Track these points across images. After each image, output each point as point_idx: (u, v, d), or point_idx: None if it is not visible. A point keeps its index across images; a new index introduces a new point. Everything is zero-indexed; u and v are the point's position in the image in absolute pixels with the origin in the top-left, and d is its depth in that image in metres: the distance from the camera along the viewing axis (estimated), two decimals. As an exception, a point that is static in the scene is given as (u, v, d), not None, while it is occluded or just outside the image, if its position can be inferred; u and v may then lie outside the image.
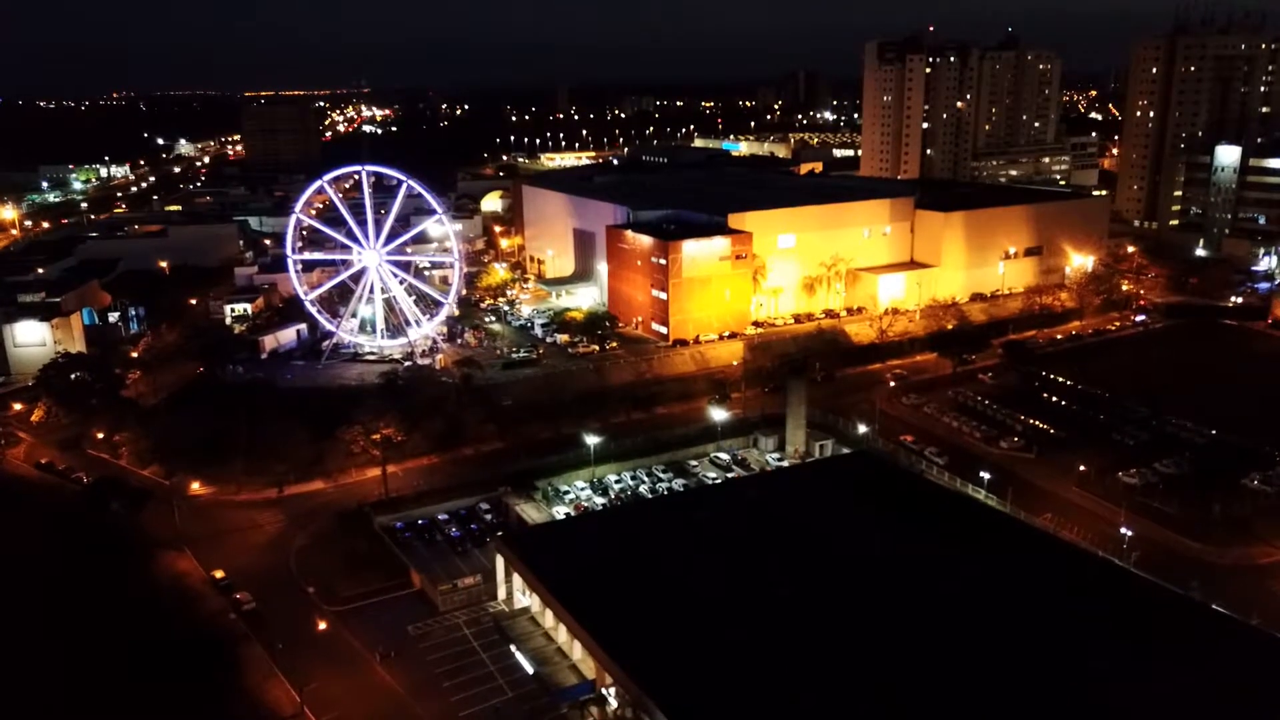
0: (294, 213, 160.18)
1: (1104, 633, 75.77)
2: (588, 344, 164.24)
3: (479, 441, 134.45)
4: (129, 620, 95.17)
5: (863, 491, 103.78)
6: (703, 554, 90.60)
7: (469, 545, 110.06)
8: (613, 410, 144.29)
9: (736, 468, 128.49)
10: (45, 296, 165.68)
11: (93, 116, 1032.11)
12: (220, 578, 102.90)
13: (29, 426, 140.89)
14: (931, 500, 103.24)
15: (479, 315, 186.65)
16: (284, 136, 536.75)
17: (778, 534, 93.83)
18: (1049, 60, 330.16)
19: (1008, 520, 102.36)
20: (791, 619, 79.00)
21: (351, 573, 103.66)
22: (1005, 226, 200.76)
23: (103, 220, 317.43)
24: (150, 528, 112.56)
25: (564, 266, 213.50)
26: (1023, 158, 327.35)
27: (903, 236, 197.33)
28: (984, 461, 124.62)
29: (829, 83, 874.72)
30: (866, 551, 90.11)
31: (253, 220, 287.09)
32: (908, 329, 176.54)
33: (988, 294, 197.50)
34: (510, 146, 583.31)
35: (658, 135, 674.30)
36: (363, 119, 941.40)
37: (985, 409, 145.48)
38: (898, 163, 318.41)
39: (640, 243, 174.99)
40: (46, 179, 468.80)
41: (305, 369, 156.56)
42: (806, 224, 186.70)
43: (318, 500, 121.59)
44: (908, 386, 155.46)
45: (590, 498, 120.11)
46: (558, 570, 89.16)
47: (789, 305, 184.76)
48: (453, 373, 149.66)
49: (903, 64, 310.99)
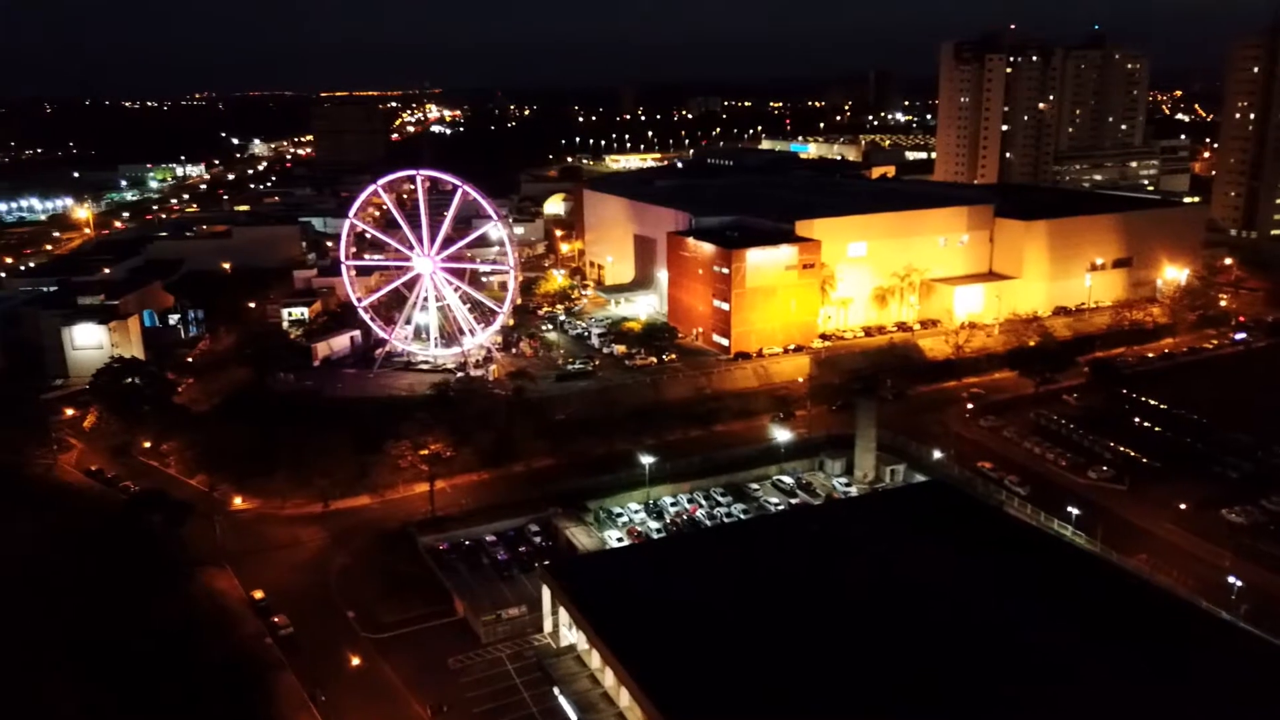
0: (348, 217, 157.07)
1: (1218, 699, 66.92)
2: (645, 356, 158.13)
3: (530, 457, 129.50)
4: (159, 641, 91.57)
5: (938, 527, 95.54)
6: (763, 595, 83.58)
7: (516, 570, 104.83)
8: (669, 427, 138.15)
9: (801, 493, 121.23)
10: (104, 299, 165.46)
11: (174, 117, 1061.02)
12: (259, 598, 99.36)
13: (81, 432, 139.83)
14: (1015, 539, 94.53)
15: (535, 323, 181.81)
16: (351, 137, 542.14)
17: (845, 575, 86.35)
18: (1137, 59, 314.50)
19: (1100, 564, 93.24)
20: (862, 676, 71.61)
21: (393, 597, 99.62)
22: (1092, 236, 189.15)
23: (172, 220, 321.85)
24: (192, 542, 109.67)
25: (623, 273, 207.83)
26: (1107, 162, 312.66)
27: (981, 246, 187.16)
28: (1070, 493, 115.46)
29: (901, 83, 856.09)
30: (945, 599, 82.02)
31: (316, 221, 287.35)
32: (985, 344, 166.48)
33: (1072, 308, 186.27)
34: (575, 148, 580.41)
35: (724, 136, 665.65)
36: (430, 120, 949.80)
37: (1070, 434, 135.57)
38: (974, 166, 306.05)
39: (702, 250, 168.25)
40: (125, 178, 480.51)
41: (356, 378, 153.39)
42: (878, 231, 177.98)
43: (362, 516, 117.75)
44: (985, 407, 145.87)
45: (644, 522, 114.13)
46: (606, 606, 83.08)
47: (858, 317, 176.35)
48: (505, 385, 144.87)
49: (981, 64, 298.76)
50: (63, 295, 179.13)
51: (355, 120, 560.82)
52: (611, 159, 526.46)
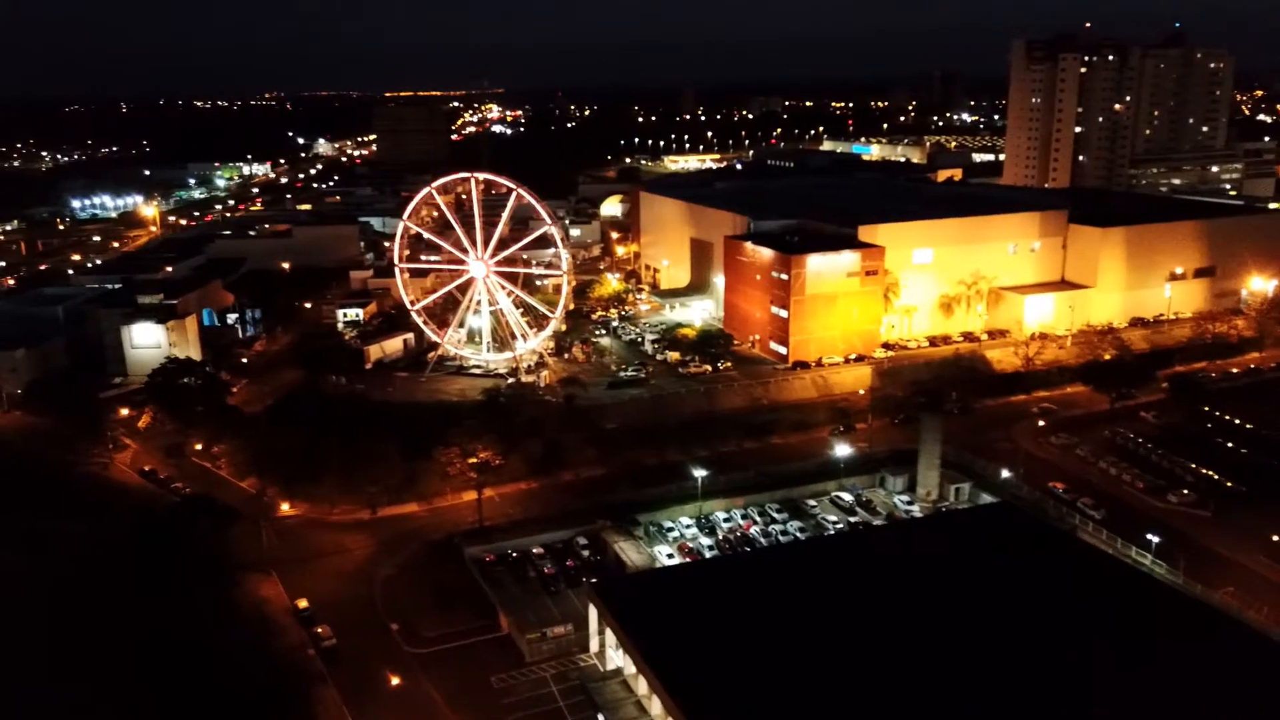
0: (402, 220, 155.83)
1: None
2: (699, 364, 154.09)
3: (579, 467, 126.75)
4: (201, 649, 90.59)
5: (1008, 554, 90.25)
6: (821, 624, 79.31)
7: (562, 585, 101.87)
8: (723, 438, 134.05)
9: (860, 510, 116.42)
10: (163, 298, 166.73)
11: (243, 116, 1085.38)
12: (303, 607, 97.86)
13: (137, 431, 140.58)
14: (1091, 570, 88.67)
15: (588, 328, 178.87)
16: (412, 136, 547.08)
17: (909, 604, 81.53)
18: (1220, 58, 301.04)
19: (1184, 599, 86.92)
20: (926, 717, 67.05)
21: (438, 609, 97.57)
22: (1172, 244, 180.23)
23: (236, 218, 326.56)
24: (240, 546, 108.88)
25: (679, 277, 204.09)
26: (1186, 165, 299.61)
27: (1053, 253, 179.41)
28: (1148, 519, 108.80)
29: (966, 82, 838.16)
30: (1017, 636, 76.89)
31: (375, 221, 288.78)
32: (1057, 357, 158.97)
33: (1149, 319, 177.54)
34: (635, 148, 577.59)
35: (785, 137, 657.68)
36: (491, 120, 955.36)
37: (1148, 454, 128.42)
38: (1045, 170, 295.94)
39: (760, 255, 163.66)
40: (193, 176, 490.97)
41: (407, 381, 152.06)
42: (946, 237, 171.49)
43: (410, 524, 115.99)
44: (1057, 424, 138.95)
45: (696, 537, 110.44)
46: (654, 631, 79.62)
47: (923, 326, 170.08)
48: (556, 391, 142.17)
49: (1054, 63, 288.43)
50: (126, 293, 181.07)
51: (417, 120, 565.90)
52: (670, 159, 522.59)
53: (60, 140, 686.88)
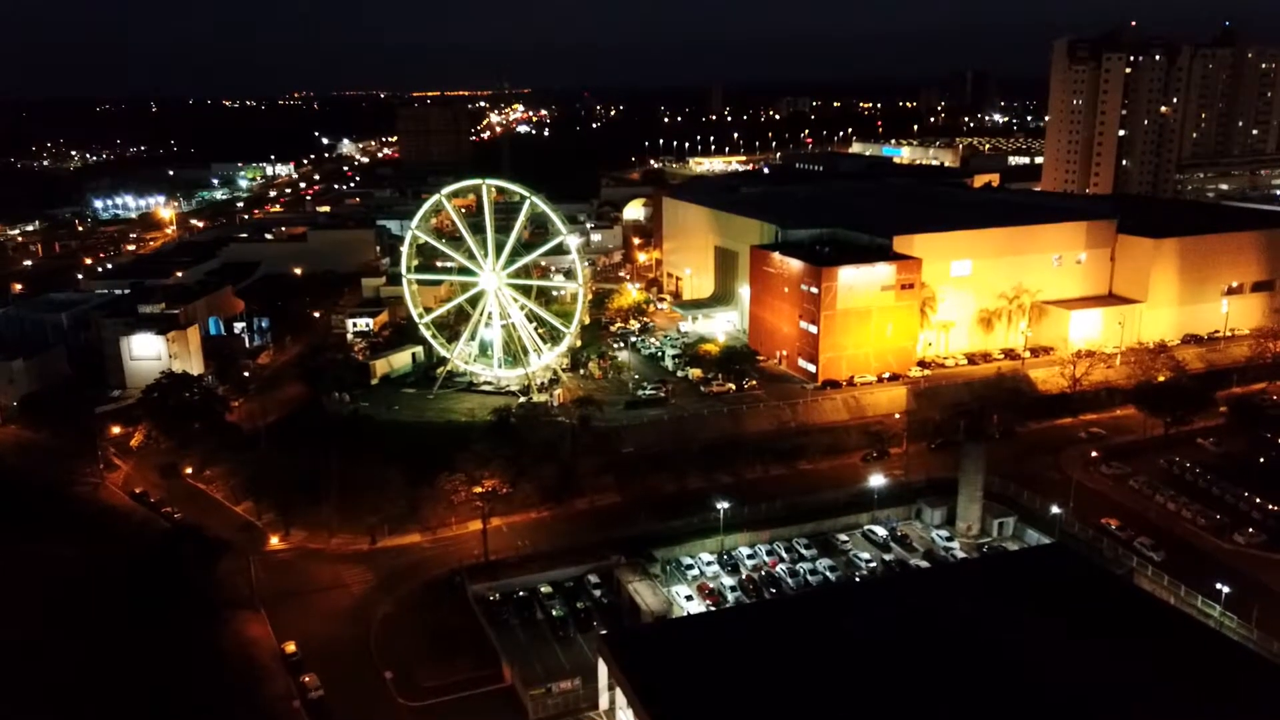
0: (410, 229, 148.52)
1: None
2: (723, 382, 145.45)
3: (594, 494, 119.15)
4: (176, 700, 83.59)
5: (1062, 605, 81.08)
6: (852, 688, 70.74)
7: (572, 630, 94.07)
8: (748, 463, 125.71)
9: (895, 546, 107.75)
10: (165, 307, 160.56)
11: (270, 116, 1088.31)
12: (290, 652, 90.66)
13: (130, 450, 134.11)
14: (1154, 625, 79.37)
15: (606, 341, 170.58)
16: (436, 137, 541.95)
17: (953, 665, 72.74)
18: (1273, 58, 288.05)
19: (1261, 662, 77.39)
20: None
21: (437, 656, 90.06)
22: (1229, 255, 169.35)
23: (253, 221, 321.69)
24: (229, 579, 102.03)
25: (703, 287, 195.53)
26: (1235, 170, 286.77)
27: (1100, 265, 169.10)
28: (1213, 561, 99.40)
29: (998, 82, 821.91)
30: (1075, 701, 68.01)
31: (393, 224, 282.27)
32: (1106, 377, 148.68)
33: (1204, 336, 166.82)
34: (660, 150, 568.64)
35: (813, 138, 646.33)
36: (515, 121, 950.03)
37: (1208, 486, 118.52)
38: (1086, 174, 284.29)
39: (789, 266, 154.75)
40: (217, 176, 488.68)
41: (414, 399, 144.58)
42: (986, 249, 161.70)
43: (411, 557, 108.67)
44: (1108, 451, 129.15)
45: (717, 576, 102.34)
46: (668, 692, 71.39)
47: (961, 343, 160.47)
48: (570, 411, 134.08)
49: (1097, 63, 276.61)
50: (134, 299, 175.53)
51: (440, 120, 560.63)
52: (696, 161, 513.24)
53: (90, 140, 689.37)
